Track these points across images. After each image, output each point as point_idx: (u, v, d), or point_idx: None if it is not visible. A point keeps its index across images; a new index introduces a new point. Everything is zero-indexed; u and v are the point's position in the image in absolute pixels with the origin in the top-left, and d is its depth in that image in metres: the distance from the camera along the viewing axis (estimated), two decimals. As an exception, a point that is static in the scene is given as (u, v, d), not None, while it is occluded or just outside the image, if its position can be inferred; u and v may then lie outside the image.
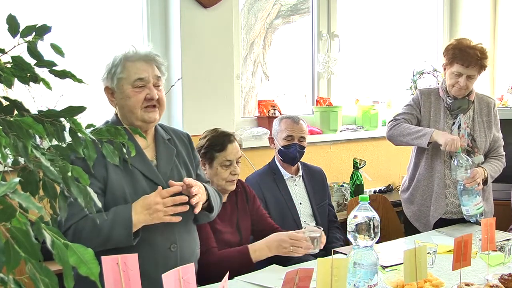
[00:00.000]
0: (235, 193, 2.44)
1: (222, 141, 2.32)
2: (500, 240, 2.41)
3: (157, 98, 1.90)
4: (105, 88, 1.94)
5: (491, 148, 2.88)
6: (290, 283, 1.39)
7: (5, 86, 0.88)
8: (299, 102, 3.98)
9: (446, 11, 4.60)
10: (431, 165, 2.83)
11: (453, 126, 2.80)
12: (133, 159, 1.74)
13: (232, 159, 2.32)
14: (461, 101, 2.80)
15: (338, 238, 2.76)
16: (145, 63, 1.90)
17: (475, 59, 2.69)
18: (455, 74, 2.74)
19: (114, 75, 1.88)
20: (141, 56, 1.90)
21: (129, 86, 1.87)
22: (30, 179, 0.87)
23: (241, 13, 3.55)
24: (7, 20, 0.88)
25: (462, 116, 2.80)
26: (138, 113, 1.88)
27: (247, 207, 2.47)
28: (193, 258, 1.97)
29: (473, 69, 2.71)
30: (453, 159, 2.67)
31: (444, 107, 2.83)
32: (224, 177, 2.31)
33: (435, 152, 2.81)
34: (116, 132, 0.99)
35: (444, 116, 2.82)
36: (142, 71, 1.88)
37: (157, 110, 1.92)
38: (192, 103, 3.02)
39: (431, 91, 2.90)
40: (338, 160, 3.80)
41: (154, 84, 1.90)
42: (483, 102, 2.88)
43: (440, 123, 2.81)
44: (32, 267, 0.73)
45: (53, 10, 2.73)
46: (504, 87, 4.46)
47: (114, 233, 1.71)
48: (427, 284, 1.83)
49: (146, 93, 1.88)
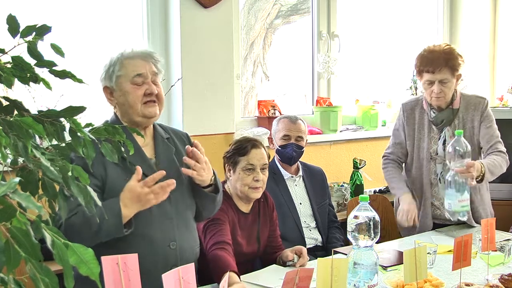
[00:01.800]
0: (258, 203, 2.39)
1: (246, 145, 2.28)
2: (500, 240, 2.41)
3: (156, 93, 1.92)
4: (103, 88, 1.95)
5: (487, 147, 2.65)
6: (290, 283, 1.39)
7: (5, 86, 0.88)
8: (299, 102, 3.98)
9: (446, 11, 4.60)
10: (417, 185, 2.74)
11: (439, 142, 2.67)
12: (132, 157, 1.74)
13: (255, 164, 2.26)
14: (445, 113, 2.64)
15: (338, 238, 2.76)
16: (142, 60, 1.92)
17: (440, 62, 2.53)
18: (427, 84, 2.60)
19: (113, 74, 1.90)
20: (138, 53, 1.93)
21: (128, 83, 1.89)
22: (30, 179, 0.87)
23: (241, 13, 3.55)
24: (7, 20, 0.88)
25: (448, 130, 2.66)
26: (139, 108, 1.89)
27: (268, 218, 2.42)
28: (192, 256, 1.97)
29: (442, 73, 2.54)
30: (449, 143, 2.41)
31: (428, 121, 2.70)
32: (247, 182, 2.24)
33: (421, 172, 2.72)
34: (114, 131, 0.99)
35: (428, 132, 2.70)
36: (140, 67, 1.90)
37: (157, 105, 1.93)
38: (192, 103, 3.02)
39: (415, 105, 2.76)
40: (338, 160, 3.80)
41: (152, 80, 1.92)
42: (471, 106, 2.68)
43: (425, 140, 2.70)
44: (32, 267, 0.73)
45: (53, 10, 2.73)
46: (504, 87, 4.46)
47: (104, 225, 1.67)
48: (427, 284, 1.83)
49: (145, 88, 1.90)
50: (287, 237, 2.63)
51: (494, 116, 2.75)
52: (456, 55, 2.59)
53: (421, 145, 2.71)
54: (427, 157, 2.69)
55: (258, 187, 2.26)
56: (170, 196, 1.86)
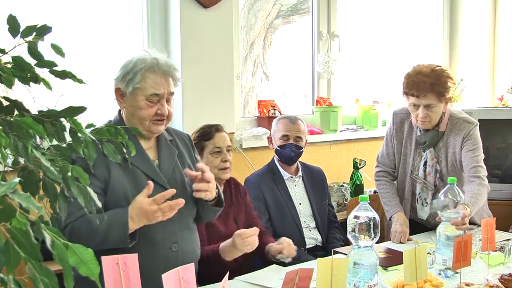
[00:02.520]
0: (229, 188, 2.49)
1: (210, 130, 2.42)
2: (500, 240, 2.42)
3: (167, 114, 1.92)
4: (116, 88, 1.92)
5: (466, 173, 2.52)
6: (290, 283, 1.39)
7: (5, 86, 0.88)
8: (299, 102, 3.98)
9: (446, 11, 4.60)
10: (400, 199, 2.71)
11: (420, 162, 2.60)
12: (135, 159, 1.75)
13: (222, 146, 2.39)
14: (429, 134, 2.55)
15: (338, 238, 2.76)
16: (163, 78, 1.89)
17: (425, 87, 2.41)
18: (412, 106, 2.50)
19: (131, 82, 1.87)
20: (161, 68, 1.89)
21: (143, 98, 1.87)
22: (30, 179, 0.87)
23: (241, 13, 3.55)
24: (8, 20, 0.88)
25: (430, 151, 2.57)
26: (146, 125, 1.90)
27: (242, 202, 2.51)
28: (194, 259, 1.97)
29: (427, 98, 2.42)
30: (441, 192, 2.16)
31: (415, 139, 2.62)
32: (216, 164, 2.36)
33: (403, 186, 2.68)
34: (116, 131, 0.99)
35: (414, 150, 2.63)
36: (159, 87, 1.88)
37: (164, 123, 1.94)
38: (192, 103, 3.02)
39: (405, 118, 2.65)
40: (338, 160, 3.80)
41: (166, 99, 1.92)
42: (455, 130, 2.55)
43: (410, 158, 2.64)
44: (32, 267, 0.73)
45: (53, 10, 2.73)
46: (504, 87, 4.46)
47: (110, 235, 1.71)
48: (427, 284, 1.83)
49: (157, 108, 1.89)
50: (287, 236, 2.62)
51: (494, 116, 2.68)
52: (445, 79, 2.46)
53: (407, 160, 2.66)
54: (410, 174, 2.66)
55: (227, 167, 2.40)
56: (172, 198, 1.87)
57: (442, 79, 2.45)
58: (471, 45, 4.53)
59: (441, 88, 2.44)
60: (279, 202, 2.68)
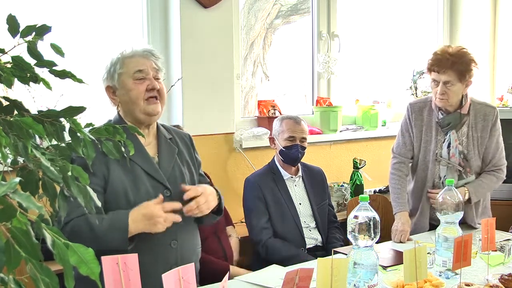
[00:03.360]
0: None
1: None
2: (500, 240, 2.41)
3: (158, 89, 1.93)
4: (106, 88, 1.96)
5: (490, 160, 2.66)
6: (290, 283, 1.39)
7: (5, 86, 0.88)
8: (299, 102, 3.98)
9: (446, 11, 4.60)
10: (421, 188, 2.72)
11: (443, 144, 2.65)
12: (135, 156, 1.76)
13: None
14: (452, 116, 2.62)
15: (338, 238, 2.76)
16: (142, 57, 1.94)
17: (447, 63, 2.51)
18: (433, 83, 2.61)
19: (114, 73, 1.92)
20: (138, 51, 1.95)
21: (130, 79, 1.91)
22: (30, 179, 0.87)
23: (241, 13, 3.55)
24: (7, 20, 0.88)
25: (453, 133, 2.63)
26: (141, 105, 1.91)
27: None
28: (194, 257, 1.98)
29: (447, 74, 2.52)
30: (440, 194, 2.13)
31: (436, 123, 2.67)
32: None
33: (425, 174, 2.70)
34: (115, 130, 0.99)
35: (435, 134, 2.67)
36: (140, 64, 1.92)
37: (159, 102, 1.95)
38: (192, 103, 3.02)
39: (423, 106, 2.72)
40: (338, 160, 3.80)
41: (153, 76, 1.94)
42: (480, 114, 2.66)
43: (432, 142, 2.67)
44: (32, 267, 0.73)
45: (53, 10, 2.73)
46: (504, 87, 4.46)
47: (109, 237, 1.71)
48: (427, 284, 1.83)
49: (147, 84, 1.92)
50: (287, 237, 2.63)
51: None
52: (468, 60, 2.56)
53: (428, 147, 2.68)
54: (432, 159, 2.67)
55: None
56: (171, 194, 1.88)
57: (464, 59, 2.55)
58: (471, 45, 4.51)
59: (461, 67, 2.52)
60: (279, 202, 2.68)
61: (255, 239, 2.62)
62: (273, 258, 2.47)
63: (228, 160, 3.24)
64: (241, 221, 3.06)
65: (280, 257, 2.49)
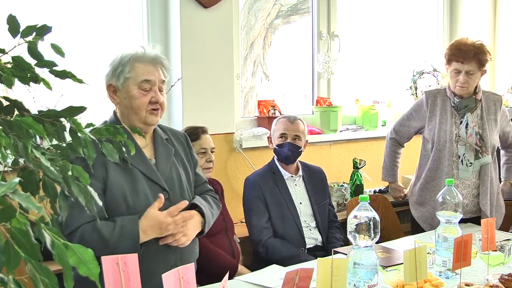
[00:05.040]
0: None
1: (197, 131, 2.58)
2: (500, 240, 2.41)
3: (160, 102, 1.92)
4: (108, 85, 1.93)
5: (508, 145, 3.01)
6: (290, 283, 1.39)
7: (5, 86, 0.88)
8: (299, 102, 3.98)
9: (446, 11, 4.60)
10: (438, 166, 2.85)
11: (461, 125, 2.82)
12: (133, 158, 1.75)
13: (207, 147, 2.59)
14: (468, 100, 2.82)
15: (338, 238, 2.76)
16: (152, 66, 1.91)
17: (470, 54, 2.73)
18: (454, 72, 2.79)
19: (121, 74, 1.89)
20: (150, 58, 1.92)
21: (135, 87, 1.88)
22: (30, 179, 0.87)
23: (241, 13, 3.55)
24: (8, 20, 0.88)
25: (470, 115, 2.82)
26: (142, 115, 1.90)
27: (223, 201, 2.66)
28: (192, 257, 1.98)
29: (469, 64, 2.74)
30: (440, 193, 2.12)
31: (451, 107, 2.86)
32: (201, 164, 2.49)
33: (441, 155, 2.83)
34: (115, 131, 0.99)
35: (451, 117, 2.85)
36: (149, 74, 1.90)
37: (159, 113, 1.94)
38: (192, 103, 3.02)
39: (437, 92, 2.93)
40: (338, 160, 3.80)
41: (158, 87, 1.93)
42: (490, 101, 2.90)
43: (448, 123, 2.83)
44: (32, 267, 0.73)
45: (53, 10, 2.73)
46: (504, 87, 4.46)
47: (121, 246, 1.70)
48: (427, 284, 1.83)
49: (151, 96, 1.90)
50: (287, 236, 2.63)
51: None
52: (485, 51, 2.80)
53: (443, 128, 2.84)
54: (450, 139, 2.82)
55: (211, 167, 2.61)
56: (170, 196, 1.88)
57: (484, 49, 2.80)
58: (471, 45, 4.53)
59: (482, 57, 2.77)
60: (279, 201, 2.68)
61: (255, 239, 2.62)
62: (273, 258, 2.47)
63: (228, 160, 3.24)
64: (241, 221, 3.06)
65: (280, 257, 2.49)
